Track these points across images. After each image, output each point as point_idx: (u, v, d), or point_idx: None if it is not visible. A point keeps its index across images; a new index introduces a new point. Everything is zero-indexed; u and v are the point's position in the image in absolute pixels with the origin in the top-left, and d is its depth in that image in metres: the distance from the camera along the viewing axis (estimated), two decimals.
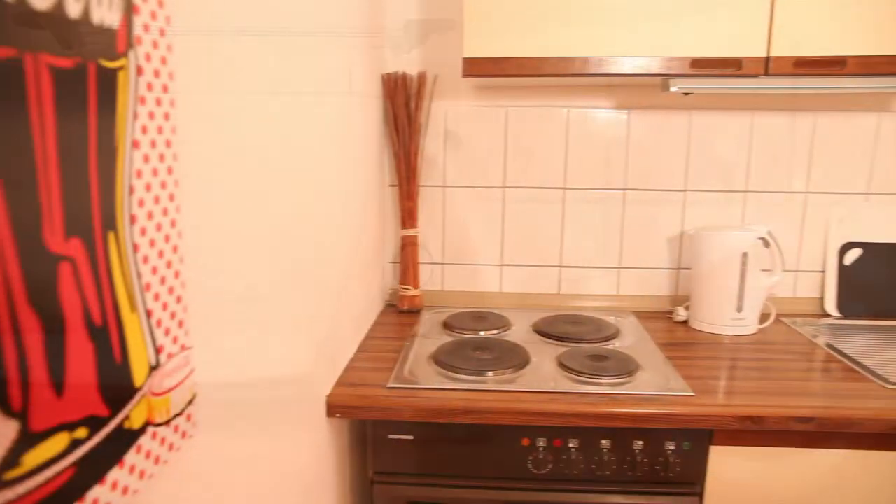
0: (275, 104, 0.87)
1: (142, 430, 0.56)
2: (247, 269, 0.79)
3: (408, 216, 1.63)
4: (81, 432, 0.47)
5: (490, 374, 1.24)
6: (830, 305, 1.68)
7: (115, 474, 0.52)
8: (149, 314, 0.57)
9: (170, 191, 0.59)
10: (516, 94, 1.64)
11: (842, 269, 1.67)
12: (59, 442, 0.45)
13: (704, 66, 1.31)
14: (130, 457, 0.54)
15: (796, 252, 1.69)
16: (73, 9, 0.44)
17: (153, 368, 0.57)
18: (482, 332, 1.48)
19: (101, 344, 0.50)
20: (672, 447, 1.16)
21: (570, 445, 1.16)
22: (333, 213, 1.18)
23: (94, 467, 0.49)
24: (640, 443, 1.16)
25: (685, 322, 1.60)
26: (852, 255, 1.67)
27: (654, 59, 1.31)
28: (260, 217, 0.83)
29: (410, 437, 1.18)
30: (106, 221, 0.50)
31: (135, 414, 0.54)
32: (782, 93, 1.36)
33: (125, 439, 0.53)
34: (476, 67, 1.33)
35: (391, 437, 1.19)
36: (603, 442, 1.16)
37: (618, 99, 1.63)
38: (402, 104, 1.58)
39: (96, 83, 0.48)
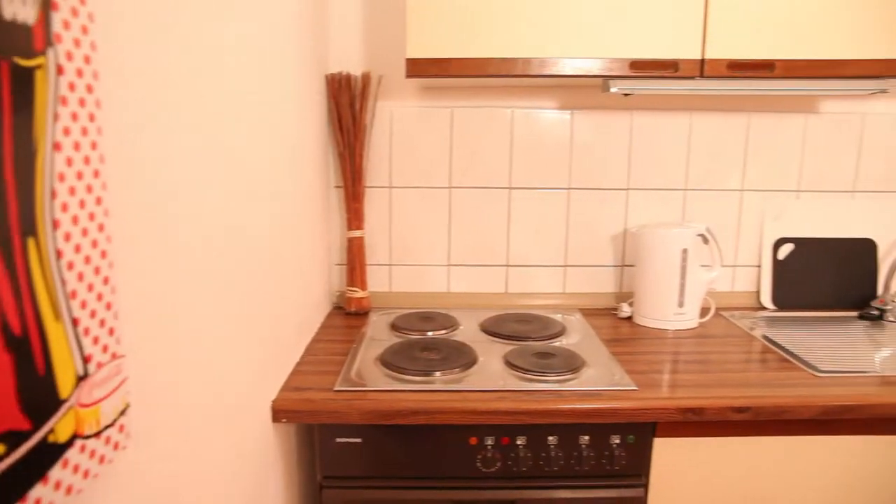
0: (212, 104, 0.85)
1: (69, 444, 0.53)
2: (185, 273, 0.77)
3: (354, 217, 1.62)
4: None
5: (438, 374, 1.24)
6: (766, 298, 1.74)
7: (38, 492, 0.49)
8: (75, 322, 0.54)
9: (97, 194, 0.57)
10: (461, 95, 1.64)
11: (776, 263, 1.74)
12: None
13: (643, 68, 1.34)
14: (56, 472, 0.52)
15: (734, 248, 1.74)
16: None
17: (81, 379, 0.55)
18: (430, 333, 1.48)
19: (21, 355, 0.47)
20: (617, 440, 1.18)
21: (518, 443, 1.17)
22: (275, 215, 1.16)
23: (14, 485, 0.47)
24: (587, 437, 1.18)
25: (630, 318, 1.63)
26: (785, 250, 1.73)
27: (595, 61, 1.33)
28: (198, 219, 0.81)
29: (359, 440, 1.17)
30: (25, 227, 0.48)
31: (60, 427, 0.52)
32: (717, 94, 1.41)
33: (49, 454, 0.51)
34: (419, 68, 1.32)
35: (339, 440, 1.17)
36: (550, 438, 1.18)
37: (561, 100, 1.65)
38: (347, 105, 1.57)
39: (10, 82, 0.45)
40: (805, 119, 1.68)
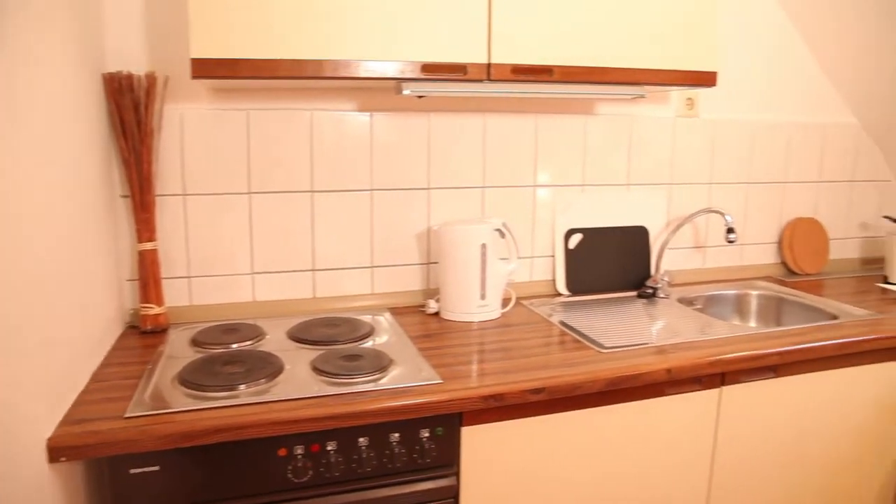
0: None
1: None
2: None
3: (144, 228, 1.50)
4: None
5: (242, 387, 1.19)
6: (561, 285, 1.89)
7: None
8: None
9: None
10: (257, 97, 1.59)
11: (567, 252, 1.89)
12: None
13: (434, 71, 1.38)
14: None
15: (530, 240, 1.87)
16: None
17: None
18: (234, 345, 1.41)
19: None
20: (427, 434, 1.22)
21: (329, 448, 1.16)
22: (42, 230, 1.04)
23: None
24: (397, 435, 1.20)
25: (437, 314, 1.69)
26: (575, 240, 1.89)
27: (388, 64, 1.35)
28: None
29: (156, 468, 1.09)
30: None
31: None
32: (505, 96, 1.50)
33: None
34: (205, 69, 1.25)
35: (133, 471, 1.08)
36: (361, 440, 1.18)
37: (360, 101, 1.66)
38: (130, 107, 1.45)
39: None
40: (585, 120, 1.85)
